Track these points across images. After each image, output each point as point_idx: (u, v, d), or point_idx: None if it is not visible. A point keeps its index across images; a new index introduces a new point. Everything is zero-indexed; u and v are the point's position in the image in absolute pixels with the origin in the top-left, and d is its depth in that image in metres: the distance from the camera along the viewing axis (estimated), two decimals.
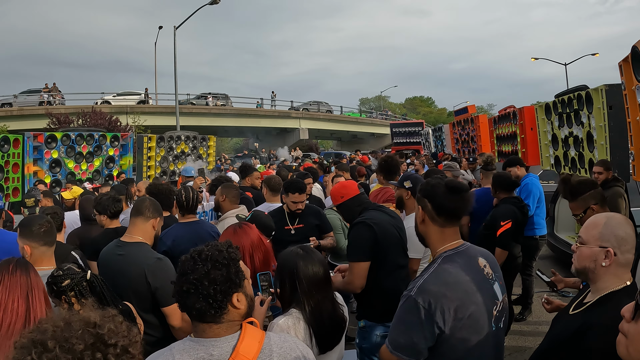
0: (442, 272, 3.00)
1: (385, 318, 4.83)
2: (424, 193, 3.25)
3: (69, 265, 3.63)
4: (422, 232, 3.30)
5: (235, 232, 4.45)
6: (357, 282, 4.77)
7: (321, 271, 3.57)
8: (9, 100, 48.71)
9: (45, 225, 4.51)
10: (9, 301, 3.27)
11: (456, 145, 21.63)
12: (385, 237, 4.85)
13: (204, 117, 54.96)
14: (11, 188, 12.30)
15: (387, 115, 79.86)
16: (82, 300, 3.52)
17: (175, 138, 18.49)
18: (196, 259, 2.57)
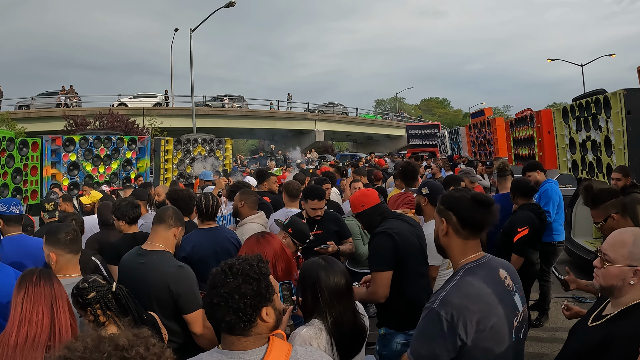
0: (464, 285, 3.00)
1: (406, 326, 4.86)
2: (449, 205, 3.24)
3: (94, 277, 3.63)
4: (443, 244, 3.28)
5: (258, 241, 4.50)
6: (381, 292, 4.78)
7: (343, 282, 3.58)
8: (26, 102, 48.94)
9: (72, 233, 4.54)
10: (33, 313, 3.28)
11: (472, 148, 21.53)
12: (406, 246, 4.85)
13: (220, 119, 55.04)
14: (30, 191, 12.36)
15: (402, 116, 79.67)
16: (107, 312, 3.52)
17: (192, 141, 18.55)
18: (227, 273, 2.60)
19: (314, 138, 61.60)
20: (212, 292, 2.58)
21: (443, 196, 3.36)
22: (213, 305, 2.57)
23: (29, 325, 3.26)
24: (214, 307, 2.57)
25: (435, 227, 3.34)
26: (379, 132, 71.19)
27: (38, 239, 6.10)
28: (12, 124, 41.29)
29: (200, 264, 5.50)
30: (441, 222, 3.26)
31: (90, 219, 7.96)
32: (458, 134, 24.67)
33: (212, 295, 2.57)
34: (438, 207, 3.32)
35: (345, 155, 49.36)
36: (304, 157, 41.02)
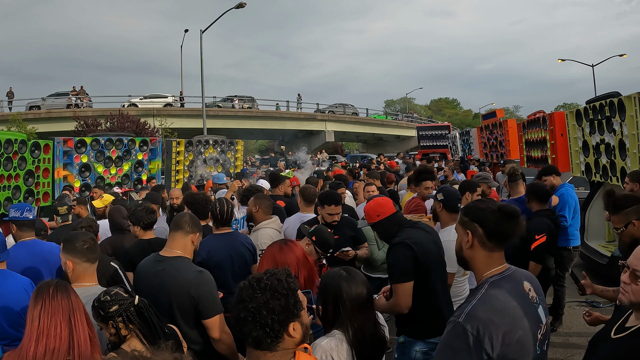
0: (490, 298, 2.94)
1: (426, 334, 4.84)
2: (474, 217, 3.17)
3: (116, 289, 3.61)
4: (467, 257, 3.21)
5: (281, 249, 4.46)
6: (404, 303, 4.72)
7: (364, 292, 3.54)
8: (37, 103, 49.25)
9: (89, 242, 4.52)
10: (51, 326, 3.22)
11: (484, 150, 21.44)
12: (425, 255, 4.79)
13: (231, 120, 55.13)
14: (42, 193, 12.36)
15: (412, 117, 79.58)
16: (129, 325, 3.51)
17: (203, 142, 18.56)
18: (255, 287, 2.60)
19: (324, 139, 61.61)
20: (239, 306, 2.58)
21: (467, 208, 3.29)
22: (240, 320, 2.57)
23: (47, 339, 3.20)
24: (241, 322, 2.57)
25: (458, 239, 3.27)
26: (389, 132, 71.16)
27: (51, 244, 6.13)
28: (23, 124, 41.51)
29: (216, 269, 5.48)
30: (465, 234, 3.19)
31: (104, 222, 7.92)
32: (469, 135, 24.55)
33: (239, 310, 2.57)
34: (461, 219, 3.26)
35: (356, 156, 49.31)
36: (313, 158, 41.00)
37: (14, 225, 6.05)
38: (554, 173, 9.05)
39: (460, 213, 3.32)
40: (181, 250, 4.77)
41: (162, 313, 4.31)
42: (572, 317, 9.07)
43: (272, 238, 6.56)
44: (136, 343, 3.49)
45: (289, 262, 4.26)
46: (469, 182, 8.46)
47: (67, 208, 8.27)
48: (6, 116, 44.50)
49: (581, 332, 8.40)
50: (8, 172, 10.99)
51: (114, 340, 3.54)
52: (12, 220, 6.08)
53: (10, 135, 11.48)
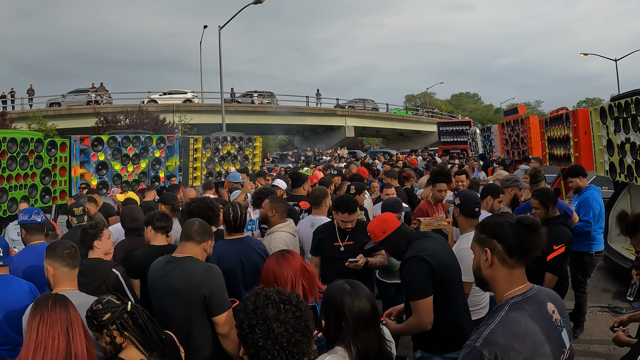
0: (510, 322, 2.75)
1: (444, 349, 4.69)
2: (492, 233, 2.98)
3: (108, 297, 3.55)
4: (486, 277, 3.01)
5: (278, 261, 4.38)
6: (426, 319, 4.55)
7: (368, 308, 3.37)
8: (57, 99, 49.75)
9: (70, 249, 4.60)
10: (49, 338, 3.24)
11: (505, 147, 21.17)
12: (441, 267, 4.62)
13: (250, 116, 55.15)
14: (58, 191, 12.37)
15: (433, 112, 79.25)
16: (124, 333, 3.45)
17: (221, 139, 18.49)
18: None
19: (344, 134, 61.45)
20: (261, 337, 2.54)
21: (483, 224, 3.10)
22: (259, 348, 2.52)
23: (45, 350, 3.21)
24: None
25: (475, 258, 3.09)
26: (409, 128, 70.83)
27: None
28: (43, 121, 41.81)
29: (226, 276, 5.35)
30: (484, 252, 3.00)
31: (118, 226, 7.82)
32: (490, 132, 24.28)
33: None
34: (478, 236, 3.08)
35: (376, 152, 49.03)
36: (333, 154, 40.88)
37: (23, 230, 6.00)
38: (580, 175, 8.78)
39: (476, 230, 3.13)
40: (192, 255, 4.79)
41: (174, 314, 4.48)
42: (593, 324, 8.83)
43: (286, 242, 6.47)
44: (133, 351, 3.44)
45: (285, 276, 4.22)
46: (493, 186, 8.17)
47: (82, 209, 8.23)
48: (27, 113, 44.80)
49: (602, 340, 8.15)
50: (24, 171, 11.04)
51: (110, 350, 3.49)
52: (20, 224, 6.03)
53: (27, 134, 11.51)
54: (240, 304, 2.69)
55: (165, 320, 4.52)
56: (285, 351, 2.48)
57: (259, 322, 2.52)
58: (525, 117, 19.14)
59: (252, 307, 2.59)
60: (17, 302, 4.89)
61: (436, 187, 8.50)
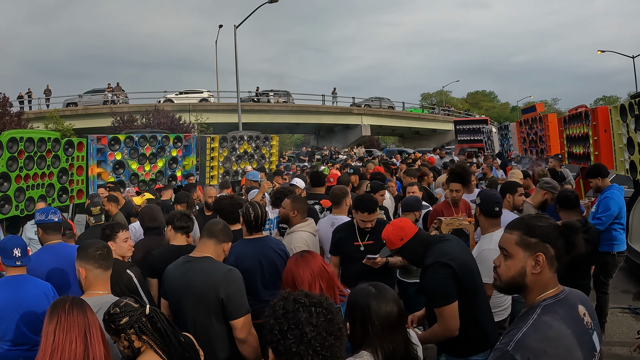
0: (543, 326, 2.65)
1: (468, 352, 4.60)
2: (545, 237, 2.83)
3: (125, 300, 3.47)
4: (530, 283, 2.85)
5: (296, 262, 4.30)
6: (453, 325, 4.44)
7: (395, 311, 3.28)
8: (74, 100, 50.19)
9: (102, 249, 4.49)
10: (66, 342, 3.18)
11: (523, 145, 20.99)
12: (463, 270, 4.52)
13: (266, 115, 55.19)
14: (75, 190, 12.39)
15: (449, 110, 78.97)
16: (142, 337, 3.37)
17: (237, 138, 18.45)
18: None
19: (360, 133, 61.36)
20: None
21: (531, 227, 2.90)
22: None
23: (62, 354, 3.15)
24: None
25: (517, 264, 2.88)
26: (425, 126, 70.63)
27: (78, 247, 5.98)
28: (60, 121, 42.07)
29: (245, 276, 5.29)
30: (534, 258, 2.83)
31: (138, 224, 7.79)
32: (508, 130, 24.10)
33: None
34: (526, 241, 2.87)
35: (392, 151, 48.90)
36: (349, 152, 40.74)
37: (40, 229, 5.96)
38: (599, 176, 8.58)
39: (520, 234, 2.91)
40: (211, 256, 4.74)
41: (190, 315, 4.43)
42: (614, 325, 8.67)
43: (307, 241, 6.39)
44: (152, 355, 3.38)
45: (302, 277, 4.16)
46: (509, 183, 8.06)
47: (100, 208, 8.22)
48: (44, 113, 45.13)
49: (624, 342, 8.00)
50: (42, 170, 11.07)
51: (128, 354, 3.42)
52: (37, 223, 5.99)
53: (44, 134, 11.53)
54: (268, 310, 2.59)
55: (182, 320, 4.49)
56: (319, 355, 2.40)
57: (290, 327, 2.43)
58: (543, 115, 18.96)
59: (282, 312, 2.50)
60: (35, 302, 4.91)
61: (450, 186, 8.28)
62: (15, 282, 5.01)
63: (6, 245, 5.09)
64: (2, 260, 5.12)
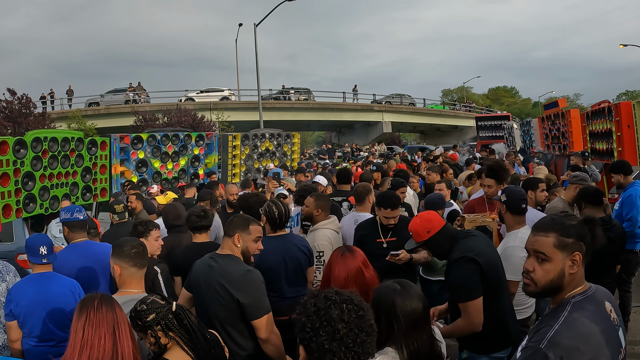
0: (574, 323, 2.64)
1: (491, 349, 4.60)
2: (579, 236, 2.80)
3: (152, 297, 3.51)
4: (566, 283, 2.82)
5: (343, 256, 4.26)
6: (477, 320, 4.44)
7: (420, 308, 3.28)
8: (96, 99, 50.71)
9: (138, 247, 4.50)
10: (95, 338, 3.21)
11: (545, 141, 20.78)
12: (489, 266, 4.52)
13: (287, 112, 55.26)
14: (99, 189, 12.44)
15: (470, 107, 78.54)
16: (169, 333, 3.41)
17: (259, 136, 18.47)
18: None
19: (381, 129, 61.24)
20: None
21: (565, 227, 2.85)
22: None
23: (91, 350, 3.19)
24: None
25: (556, 266, 2.82)
26: (446, 122, 70.34)
27: (104, 244, 6.13)
28: (82, 120, 42.41)
29: (269, 273, 5.32)
30: (570, 257, 2.80)
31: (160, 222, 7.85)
32: (530, 126, 23.90)
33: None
34: (564, 242, 2.81)
35: (413, 147, 48.76)
36: (371, 149, 40.67)
37: (66, 228, 6.00)
38: (621, 172, 8.49)
39: (557, 236, 2.85)
40: (230, 252, 4.75)
41: (211, 313, 4.43)
42: (637, 324, 8.60)
43: (330, 239, 6.41)
44: (178, 351, 3.41)
45: (336, 275, 4.15)
46: (529, 179, 8.01)
47: (123, 206, 8.27)
48: (66, 113, 45.62)
49: None
50: (65, 169, 11.12)
51: (155, 350, 3.46)
52: (62, 222, 6.02)
53: (67, 133, 11.61)
54: (299, 307, 2.60)
55: (207, 318, 4.50)
56: (351, 352, 2.40)
57: (323, 324, 2.44)
58: (565, 110, 18.72)
59: (314, 309, 2.50)
60: (61, 299, 4.99)
61: (484, 181, 8.14)
62: (41, 279, 5.09)
63: (32, 244, 5.15)
64: (28, 257, 5.20)
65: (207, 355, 3.45)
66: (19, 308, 4.95)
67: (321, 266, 6.20)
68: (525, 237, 3.12)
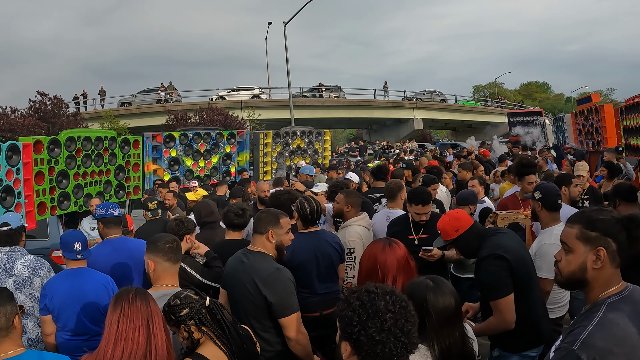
0: (609, 324, 2.59)
1: (522, 347, 4.58)
2: (606, 231, 2.74)
3: (186, 292, 3.54)
4: (590, 278, 2.78)
5: (384, 249, 4.14)
6: (509, 317, 4.42)
7: (453, 305, 3.27)
8: (128, 99, 51.21)
9: (172, 242, 4.53)
10: (129, 330, 3.25)
11: (579, 137, 20.56)
12: (519, 263, 4.49)
13: (318, 110, 55.28)
14: (132, 186, 12.58)
15: (502, 103, 77.88)
16: (202, 328, 3.44)
17: (290, 134, 18.53)
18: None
19: (412, 126, 60.99)
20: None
21: (592, 221, 2.82)
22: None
23: (125, 342, 3.23)
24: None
25: (578, 258, 2.82)
26: (478, 119, 69.75)
27: (138, 241, 6.19)
28: (115, 120, 42.84)
29: (300, 269, 5.35)
30: (595, 252, 2.76)
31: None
32: (563, 122, 23.67)
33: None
34: (586, 234, 2.79)
35: (445, 144, 48.48)
36: (402, 146, 40.54)
37: (100, 224, 6.07)
38: None
39: (581, 227, 2.84)
40: (262, 249, 4.77)
41: (244, 309, 4.46)
42: None
43: (361, 236, 6.41)
44: (211, 346, 3.44)
45: (388, 264, 4.00)
46: (561, 175, 7.92)
47: (156, 203, 8.36)
48: (99, 113, 46.23)
49: None
50: (99, 168, 11.29)
51: (188, 345, 3.49)
52: (97, 218, 6.10)
53: (101, 132, 11.79)
54: (341, 304, 2.58)
55: (237, 313, 4.53)
56: (399, 342, 2.39)
57: (370, 316, 2.42)
58: (599, 105, 18.50)
59: (358, 303, 2.49)
60: (95, 294, 5.07)
61: (525, 180, 7.97)
62: (76, 274, 5.17)
63: (67, 240, 5.23)
64: (63, 253, 5.29)
65: (239, 350, 3.47)
66: (54, 302, 5.03)
67: (352, 263, 6.21)
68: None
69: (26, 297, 5.61)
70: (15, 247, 5.82)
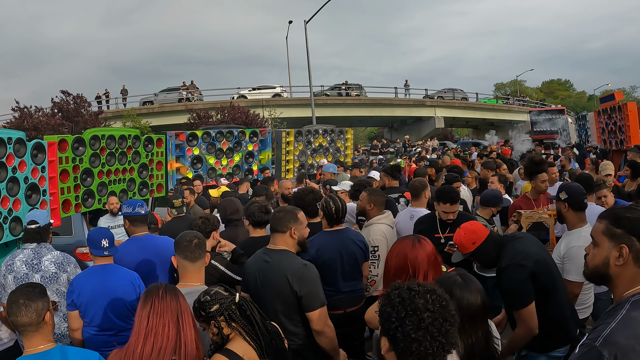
0: (632, 322, 2.56)
1: (549, 347, 4.57)
2: (632, 229, 2.72)
3: (215, 289, 3.57)
4: (613, 274, 2.77)
5: (413, 245, 4.12)
6: (533, 325, 4.40)
7: (478, 303, 3.28)
8: (150, 98, 51.46)
9: (195, 240, 4.54)
10: (159, 326, 3.30)
11: (602, 136, 20.36)
12: (539, 267, 4.47)
13: (339, 108, 55.23)
14: (155, 185, 12.66)
15: (524, 101, 77.39)
16: (232, 324, 3.47)
17: (312, 132, 18.60)
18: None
19: (433, 125, 60.76)
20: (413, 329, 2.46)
21: (619, 218, 2.80)
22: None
23: (155, 337, 3.28)
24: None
25: (602, 253, 2.82)
26: (500, 117, 69.31)
27: (164, 238, 6.27)
28: (137, 119, 43.09)
29: (325, 268, 5.37)
30: (617, 250, 2.75)
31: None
32: (586, 120, 23.49)
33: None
34: (611, 231, 2.78)
35: (467, 143, 48.29)
36: (424, 145, 40.43)
37: (127, 221, 6.13)
38: None
39: (607, 223, 2.83)
40: (284, 246, 4.81)
41: (268, 306, 4.45)
42: None
43: (385, 234, 6.44)
44: (240, 342, 3.46)
45: (420, 260, 3.99)
46: (584, 176, 7.78)
47: (181, 201, 8.41)
48: (121, 112, 46.52)
49: None
50: (123, 166, 11.39)
51: (217, 340, 3.53)
52: (124, 215, 6.16)
53: (124, 131, 11.90)
54: (383, 299, 2.60)
55: (267, 313, 4.52)
56: (435, 341, 2.40)
57: (408, 313, 2.44)
58: (622, 103, 18.30)
59: (398, 300, 2.51)
60: (121, 290, 5.14)
61: (538, 179, 8.02)
62: (103, 270, 5.24)
63: (94, 237, 5.30)
64: (90, 250, 5.36)
65: (268, 346, 3.50)
66: (81, 298, 5.10)
67: (376, 261, 6.23)
68: (589, 235, 3.07)
69: (53, 292, 5.72)
70: (43, 244, 5.93)
